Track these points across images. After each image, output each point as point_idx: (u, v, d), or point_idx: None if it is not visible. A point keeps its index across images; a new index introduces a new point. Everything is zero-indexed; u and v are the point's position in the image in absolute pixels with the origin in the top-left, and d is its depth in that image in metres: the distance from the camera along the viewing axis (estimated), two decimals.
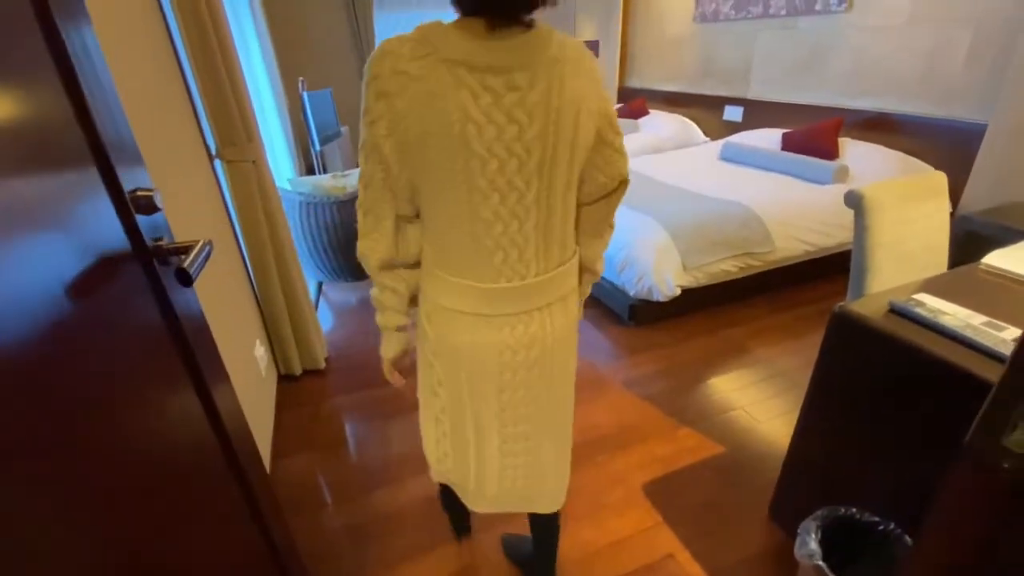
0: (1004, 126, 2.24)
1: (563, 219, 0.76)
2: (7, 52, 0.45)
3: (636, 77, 4.90)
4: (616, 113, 0.81)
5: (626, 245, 2.05)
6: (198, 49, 1.43)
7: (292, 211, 2.02)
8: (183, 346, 0.71)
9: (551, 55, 0.67)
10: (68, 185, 0.53)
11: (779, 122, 3.39)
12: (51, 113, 0.52)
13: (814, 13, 3.12)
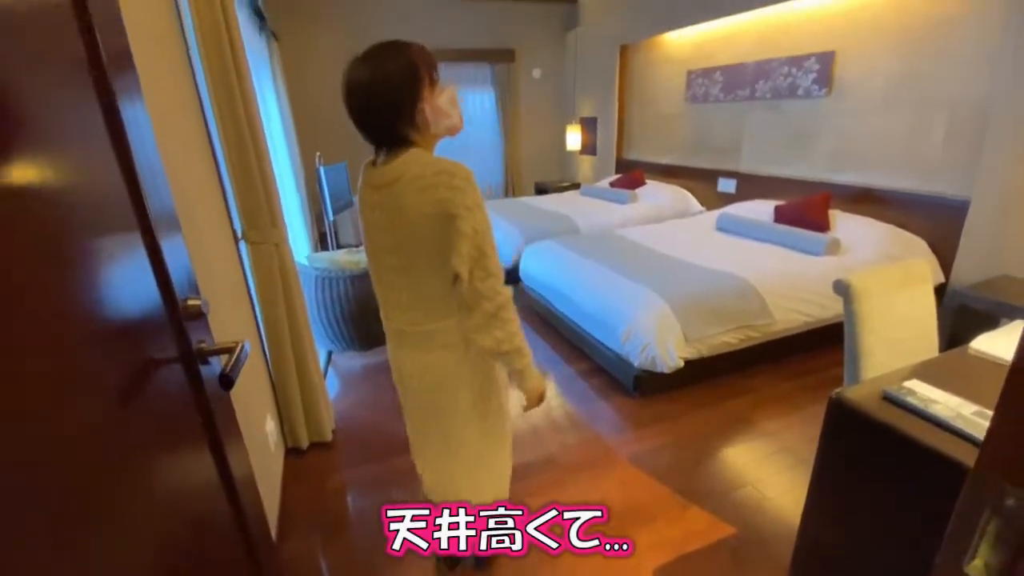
0: (986, 202, 2.36)
1: (429, 292, 1.01)
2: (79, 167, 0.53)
3: (633, 150, 5.18)
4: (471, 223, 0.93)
5: (628, 316, 2.11)
6: (232, 139, 1.57)
7: (308, 284, 2.12)
8: (214, 438, 0.76)
9: (400, 175, 0.94)
10: (130, 296, 0.60)
11: (771, 194, 3.56)
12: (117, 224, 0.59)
13: (796, 97, 3.36)
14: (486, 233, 0.94)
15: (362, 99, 0.94)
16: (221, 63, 1.49)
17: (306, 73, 5.03)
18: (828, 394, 1.02)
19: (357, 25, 5.16)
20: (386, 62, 0.94)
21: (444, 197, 0.92)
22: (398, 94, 0.93)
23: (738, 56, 3.75)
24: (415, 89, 0.94)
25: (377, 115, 0.94)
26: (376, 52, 0.96)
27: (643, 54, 4.79)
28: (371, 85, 0.93)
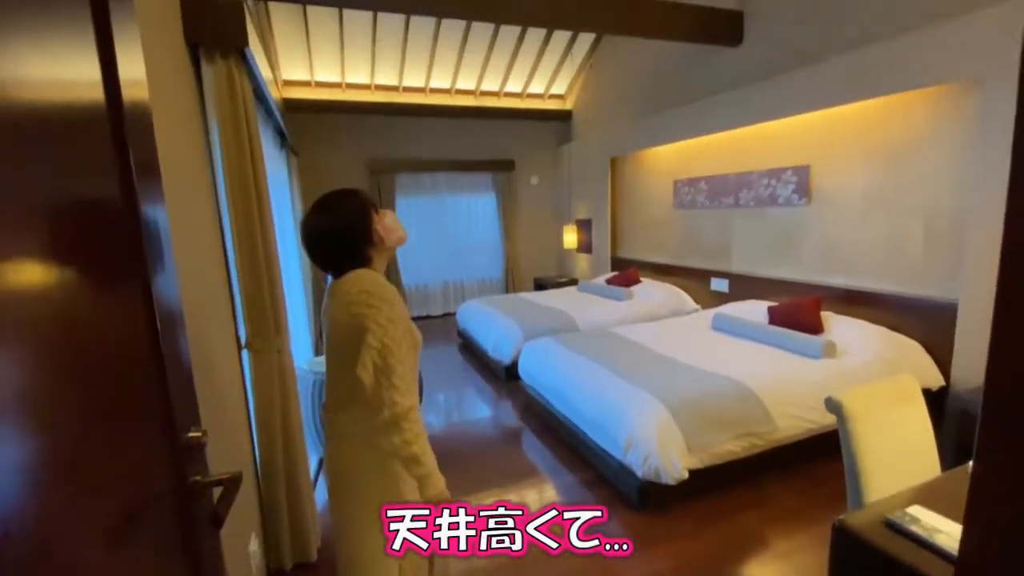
0: (974, 305, 2.42)
1: (343, 387, 1.14)
2: None
3: (627, 249, 5.41)
4: (379, 337, 1.07)
5: (629, 423, 2.08)
6: (246, 249, 1.67)
7: (305, 387, 2.12)
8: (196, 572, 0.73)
9: (338, 289, 1.13)
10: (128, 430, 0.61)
11: (763, 294, 3.66)
12: None
13: (778, 206, 3.59)
14: (393, 349, 1.07)
15: (322, 243, 1.16)
16: (242, 178, 1.63)
17: (320, 182, 5.40)
18: (838, 509, 1.00)
19: (370, 141, 5.66)
20: (339, 207, 1.17)
21: (360, 312, 1.07)
22: (352, 231, 1.15)
23: (720, 168, 4.06)
24: (367, 220, 1.16)
25: (337, 252, 1.16)
26: (325, 202, 1.18)
27: (632, 164, 5.19)
28: (328, 231, 1.15)
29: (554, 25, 3.34)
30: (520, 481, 2.49)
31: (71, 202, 0.54)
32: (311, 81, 5.15)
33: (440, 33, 4.81)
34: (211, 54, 1.55)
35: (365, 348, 1.05)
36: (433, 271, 6.18)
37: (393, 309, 1.09)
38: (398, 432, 1.07)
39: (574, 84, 6.08)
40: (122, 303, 0.62)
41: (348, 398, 1.14)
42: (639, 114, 4.93)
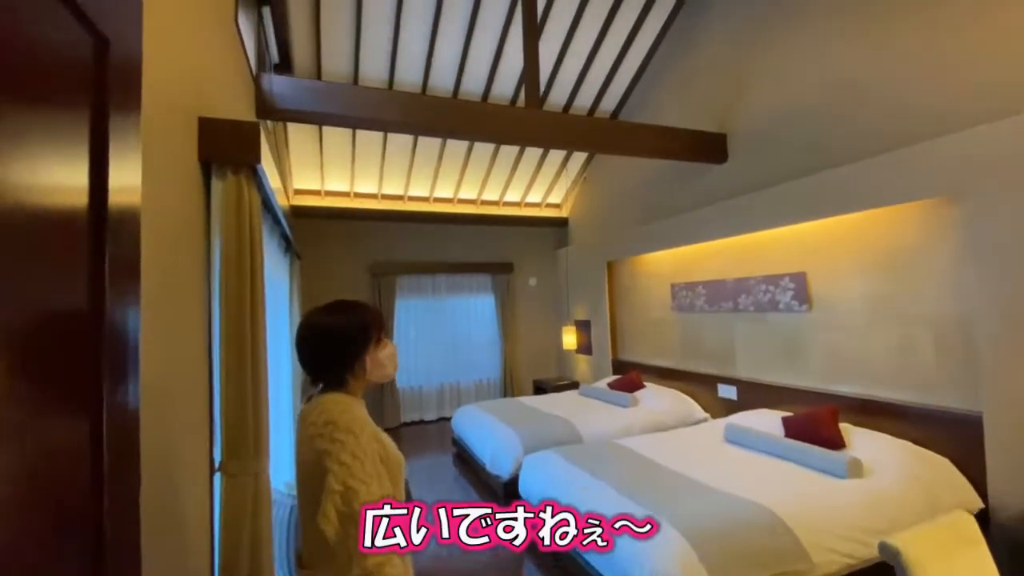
0: (1000, 417, 2.29)
1: (310, 539, 1.01)
2: None
3: (628, 352, 5.32)
4: (341, 479, 0.93)
5: (645, 561, 1.83)
6: (233, 364, 1.57)
7: (281, 514, 1.89)
8: None
9: (302, 417, 1.05)
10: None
11: (773, 403, 3.51)
12: None
13: (779, 311, 3.58)
14: (360, 491, 0.91)
15: (316, 343, 1.09)
16: (239, 292, 1.59)
17: (321, 283, 5.45)
18: None
19: (373, 245, 5.82)
20: (344, 316, 1.11)
21: (322, 448, 0.95)
22: (348, 346, 1.08)
23: (717, 273, 4.12)
24: (363, 344, 1.10)
25: (324, 358, 1.09)
26: (338, 306, 1.14)
27: (628, 268, 5.29)
28: (328, 333, 1.09)
29: (556, 147, 3.57)
30: None
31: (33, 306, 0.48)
32: (321, 190, 5.41)
33: (446, 150, 5.16)
34: (222, 170, 1.59)
35: (326, 494, 0.91)
36: (429, 373, 6.01)
37: (359, 442, 0.96)
38: None
39: (569, 194, 6.43)
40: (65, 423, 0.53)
41: (320, 554, 0.97)
42: (632, 222, 5.13)
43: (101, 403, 0.57)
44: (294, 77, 3.25)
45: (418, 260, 5.98)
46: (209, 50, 1.70)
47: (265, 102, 2.73)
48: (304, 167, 5.07)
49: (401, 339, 5.85)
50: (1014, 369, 2.24)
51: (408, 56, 4.24)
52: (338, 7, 3.68)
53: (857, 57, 2.99)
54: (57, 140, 0.52)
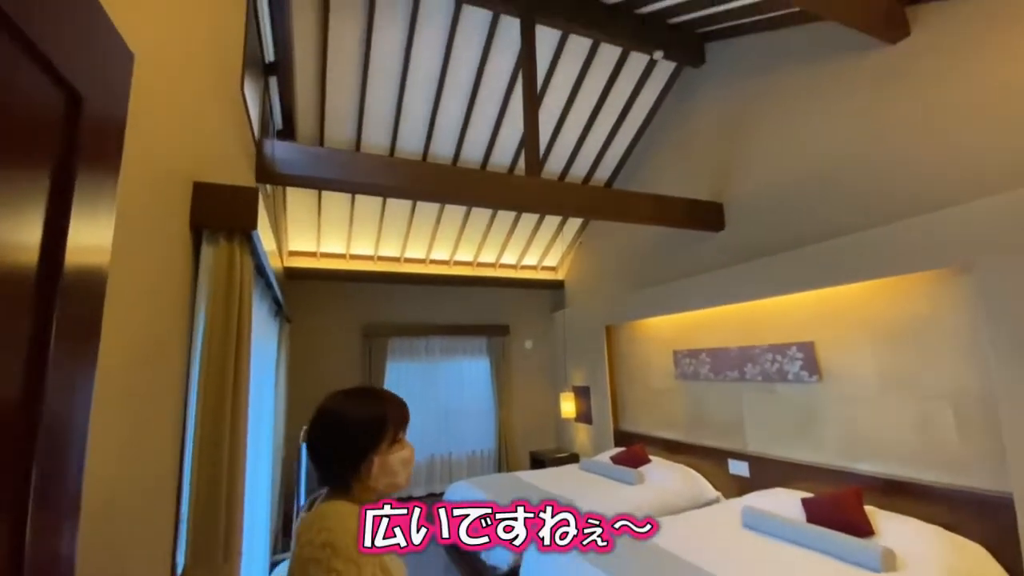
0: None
1: None
2: None
3: (630, 421, 5.08)
4: None
5: None
6: (207, 455, 1.39)
7: None
8: None
9: (305, 530, 0.88)
10: None
11: (788, 480, 3.29)
12: None
13: (788, 382, 3.44)
14: None
15: (324, 432, 0.98)
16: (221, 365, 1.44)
17: (311, 346, 5.27)
18: None
19: (366, 306, 5.70)
20: (361, 405, 1.00)
21: (317, 549, 0.83)
22: (358, 440, 0.95)
23: (721, 341, 4.01)
24: (374, 441, 0.96)
25: (330, 452, 0.97)
26: (359, 391, 1.05)
27: (628, 333, 5.17)
28: (338, 421, 0.98)
29: (553, 213, 3.58)
30: None
31: None
32: (316, 252, 5.36)
33: (444, 213, 5.19)
34: (214, 236, 1.50)
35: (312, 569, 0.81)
36: (419, 443, 5.66)
37: (362, 567, 0.83)
38: None
39: (565, 258, 6.44)
40: None
41: None
42: (630, 287, 5.09)
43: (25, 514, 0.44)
44: (296, 143, 3.28)
45: (412, 322, 5.84)
46: (212, 117, 1.66)
47: (266, 166, 2.71)
48: (301, 229, 5.04)
49: None
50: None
51: (411, 124, 4.34)
52: (344, 77, 3.79)
53: (855, 130, 3.07)
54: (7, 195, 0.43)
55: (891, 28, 2.73)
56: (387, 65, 3.81)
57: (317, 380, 5.23)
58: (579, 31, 3.80)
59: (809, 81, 3.37)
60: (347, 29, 3.50)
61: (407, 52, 3.73)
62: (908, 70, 2.78)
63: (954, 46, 2.57)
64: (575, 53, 4.14)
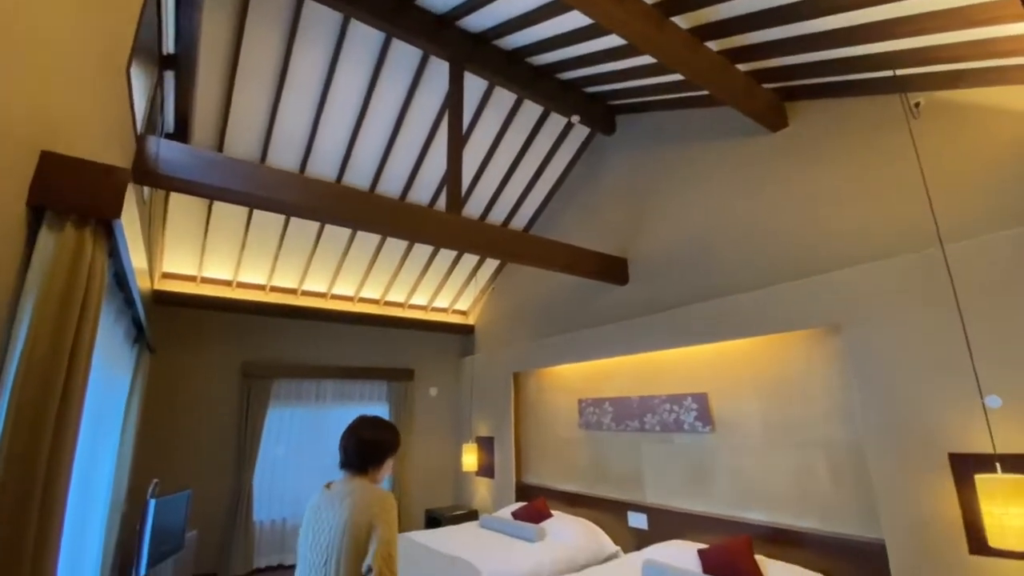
0: (901, 545, 2.31)
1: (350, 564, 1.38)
2: None
3: (533, 474, 4.94)
4: (386, 535, 1.40)
5: None
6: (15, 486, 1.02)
7: None
8: None
9: (351, 492, 1.49)
10: None
11: (683, 531, 3.34)
12: None
13: (684, 432, 3.58)
14: (394, 543, 1.41)
15: (361, 445, 1.59)
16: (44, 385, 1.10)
17: (177, 384, 4.54)
18: None
19: (249, 341, 5.08)
20: (385, 433, 1.66)
21: (375, 514, 1.43)
22: (382, 451, 1.61)
23: (623, 390, 4.11)
24: (389, 453, 1.63)
25: (363, 458, 1.58)
26: (380, 423, 1.69)
27: (535, 380, 5.14)
28: (372, 440, 1.61)
29: (473, 251, 3.51)
30: None
31: None
32: (197, 276, 4.73)
33: (353, 244, 4.90)
34: (60, 221, 1.20)
35: (378, 542, 1.38)
36: (296, 503, 4.97)
37: (394, 515, 1.46)
38: None
39: (477, 303, 6.36)
40: None
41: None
42: (539, 335, 5.12)
43: None
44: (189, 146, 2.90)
45: (302, 362, 5.29)
46: (82, 84, 1.38)
47: (146, 166, 2.34)
48: (181, 249, 4.44)
49: (267, 456, 4.89)
50: (907, 494, 2.33)
51: (325, 148, 4.12)
52: (255, 87, 3.53)
53: (742, 202, 3.44)
54: None
55: (772, 117, 3.17)
56: (307, 83, 3.62)
57: (177, 424, 4.48)
58: (505, 85, 3.95)
59: (704, 157, 3.78)
60: (266, 38, 3.29)
61: (330, 74, 3.58)
62: (786, 155, 3.22)
63: (823, 137, 3.04)
64: (500, 105, 4.29)
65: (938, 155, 2.50)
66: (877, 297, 2.57)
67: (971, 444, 2.18)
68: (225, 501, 4.59)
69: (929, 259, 2.40)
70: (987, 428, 2.08)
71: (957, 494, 2.19)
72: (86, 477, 2.13)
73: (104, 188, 1.22)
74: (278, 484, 4.92)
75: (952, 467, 2.23)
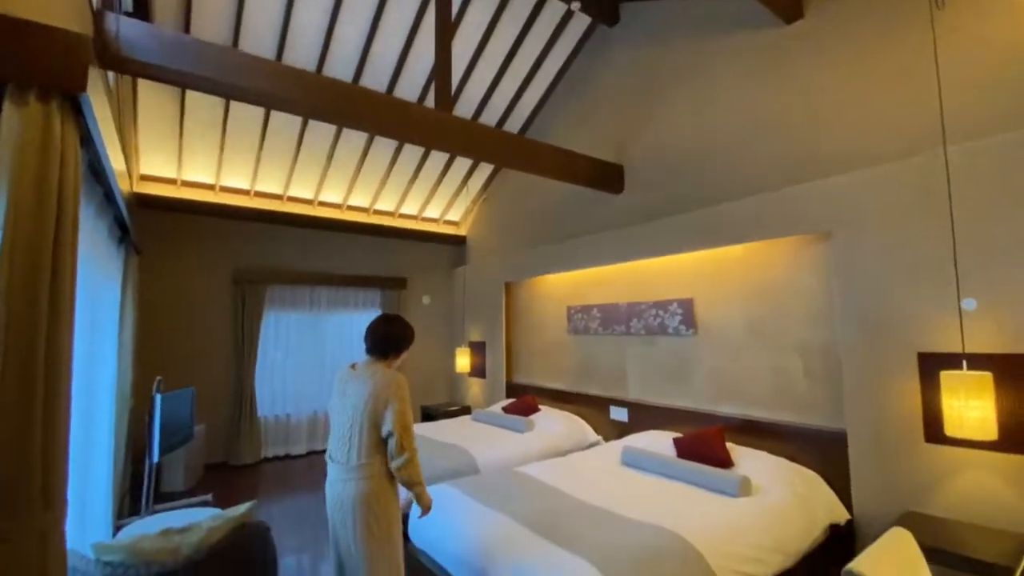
0: (861, 434, 2.53)
1: (361, 443, 1.77)
2: None
3: (523, 374, 5.21)
4: (401, 407, 1.79)
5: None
6: (13, 371, 1.05)
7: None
8: None
9: (375, 373, 1.84)
10: None
11: (662, 424, 3.60)
12: None
13: (668, 335, 3.73)
14: (409, 415, 1.81)
15: (380, 337, 1.96)
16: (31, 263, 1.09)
17: (166, 287, 4.54)
18: None
19: (239, 248, 5.03)
20: (402, 328, 2.02)
21: (392, 391, 1.80)
22: (397, 343, 1.98)
23: (611, 297, 4.22)
24: (405, 344, 2.01)
25: (383, 347, 1.95)
26: (398, 320, 2.04)
27: (526, 289, 5.24)
28: (389, 334, 1.98)
29: (466, 155, 3.37)
30: None
31: None
32: (177, 179, 4.55)
33: (338, 146, 4.68)
34: (23, 95, 1.11)
35: (394, 414, 1.76)
36: (298, 400, 5.26)
37: (407, 391, 1.84)
38: (409, 467, 1.76)
39: (468, 213, 6.27)
40: None
41: (370, 448, 1.75)
42: (530, 244, 5.12)
43: None
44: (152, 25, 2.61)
45: (296, 269, 5.30)
46: None
47: (108, 48, 2.13)
48: (156, 149, 4.22)
49: (266, 358, 5.07)
50: (872, 390, 2.51)
51: (302, 34, 3.78)
52: None
53: (744, 104, 3.29)
54: None
55: (788, 7, 2.93)
56: None
57: (177, 325, 4.55)
58: None
59: (711, 50, 3.54)
60: None
61: None
62: (797, 50, 3.02)
63: (837, 31, 2.83)
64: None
65: (957, 50, 2.37)
66: (870, 204, 2.56)
67: (941, 344, 2.30)
68: (229, 398, 4.82)
69: (928, 162, 2.36)
70: (959, 329, 2.18)
71: (921, 390, 2.35)
72: (89, 364, 2.20)
73: (67, 58, 1.11)
74: (279, 384, 5.16)
75: (920, 365, 2.37)
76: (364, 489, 1.73)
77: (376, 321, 1.97)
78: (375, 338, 1.93)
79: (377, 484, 1.75)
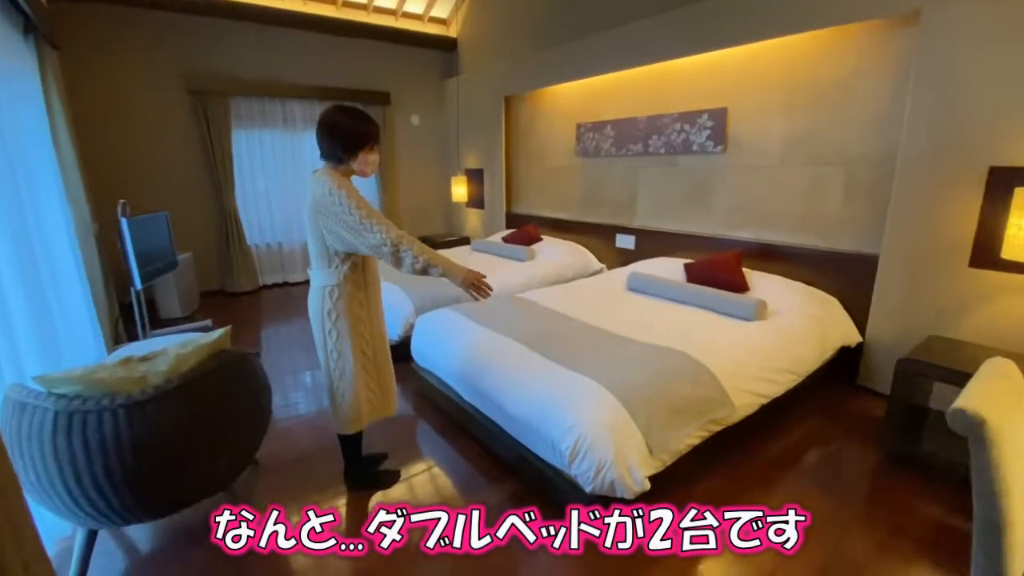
0: (896, 257, 2.32)
1: (314, 254, 1.62)
2: None
3: (524, 204, 4.88)
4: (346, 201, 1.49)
5: (573, 424, 1.55)
6: None
7: (34, 431, 1.19)
8: None
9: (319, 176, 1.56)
10: None
11: (671, 251, 3.41)
12: None
13: (692, 153, 3.29)
14: (361, 204, 1.51)
15: (325, 130, 1.54)
16: None
17: (99, 93, 3.90)
18: None
19: (189, 49, 4.21)
20: (352, 121, 1.55)
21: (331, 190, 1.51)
22: (349, 139, 1.54)
23: (628, 110, 3.66)
24: (360, 144, 1.56)
25: (329, 145, 1.55)
26: (349, 111, 1.57)
27: (529, 105, 4.59)
28: (336, 125, 1.54)
29: None
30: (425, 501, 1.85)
31: None
32: None
33: None
34: None
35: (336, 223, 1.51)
36: (289, 229, 5.01)
37: (353, 191, 1.53)
38: (401, 259, 1.50)
39: (459, 8, 5.20)
40: None
41: (322, 259, 1.61)
42: (534, 47, 4.30)
43: None
44: None
45: (260, 78, 4.54)
46: None
47: None
48: None
49: (246, 183, 4.67)
50: (923, 209, 2.22)
51: None
52: None
53: None
54: None
55: None
56: None
57: (129, 144, 4.05)
58: None
59: None
60: None
61: None
62: None
63: None
64: None
65: None
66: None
67: (1021, 159, 1.93)
68: (213, 225, 4.56)
69: None
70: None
71: (981, 208, 2.06)
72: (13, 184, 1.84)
73: None
74: (264, 212, 4.85)
75: (988, 181, 2.04)
76: (316, 300, 1.64)
77: (323, 113, 1.56)
78: (319, 133, 1.55)
79: (328, 295, 1.61)
